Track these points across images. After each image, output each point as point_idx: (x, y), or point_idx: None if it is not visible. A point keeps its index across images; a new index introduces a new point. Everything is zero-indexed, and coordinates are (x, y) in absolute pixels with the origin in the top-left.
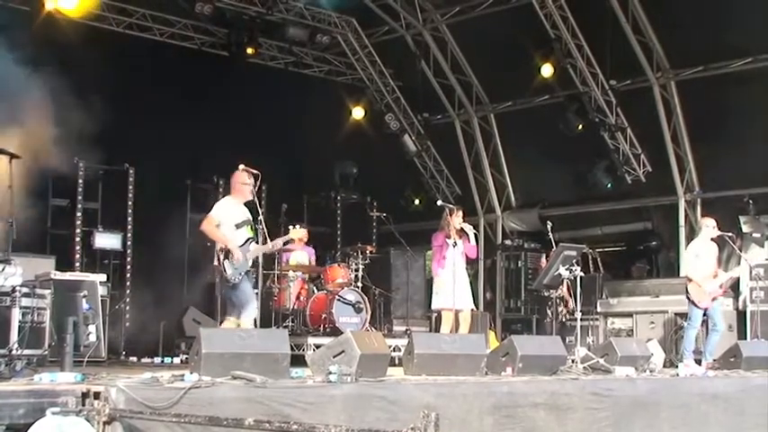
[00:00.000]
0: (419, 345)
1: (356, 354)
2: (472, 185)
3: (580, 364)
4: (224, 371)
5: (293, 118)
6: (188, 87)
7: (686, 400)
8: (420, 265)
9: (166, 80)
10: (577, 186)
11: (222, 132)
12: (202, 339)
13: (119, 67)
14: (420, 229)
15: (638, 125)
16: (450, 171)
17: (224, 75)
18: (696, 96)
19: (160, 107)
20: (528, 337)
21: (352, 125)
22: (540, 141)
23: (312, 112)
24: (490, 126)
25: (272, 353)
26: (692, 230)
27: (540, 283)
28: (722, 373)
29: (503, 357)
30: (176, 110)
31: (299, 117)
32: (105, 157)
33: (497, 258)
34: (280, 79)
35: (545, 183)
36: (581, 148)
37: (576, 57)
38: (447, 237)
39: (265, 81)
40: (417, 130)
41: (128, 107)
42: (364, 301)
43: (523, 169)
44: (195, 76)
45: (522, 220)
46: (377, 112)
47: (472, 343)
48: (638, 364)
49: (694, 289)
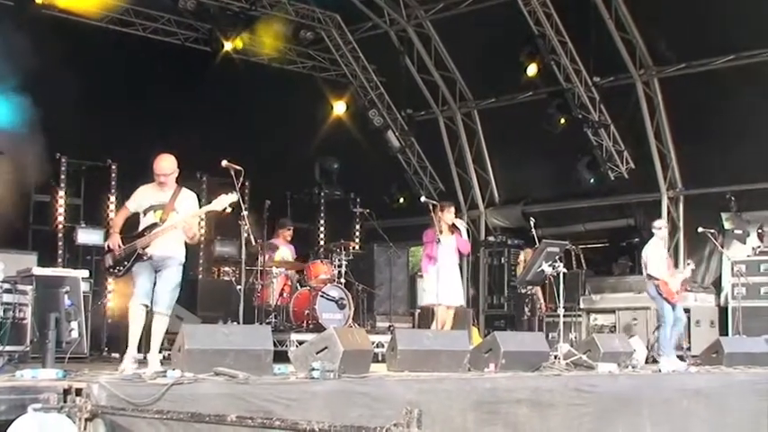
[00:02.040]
0: (402, 341)
1: (339, 350)
2: (455, 182)
3: (563, 361)
4: (207, 367)
5: (276, 114)
6: (171, 83)
7: (668, 396)
8: (403, 262)
9: (149, 76)
10: (560, 183)
11: (205, 128)
12: (185, 335)
13: (102, 63)
14: (403, 225)
15: (622, 122)
16: (433, 167)
17: (207, 70)
18: (679, 93)
19: (143, 103)
20: (511, 334)
21: (336, 121)
22: (524, 138)
23: (295, 107)
24: (474, 122)
25: (254, 349)
26: (674, 227)
27: (523, 279)
28: (704, 369)
29: (485, 354)
30: (159, 105)
31: (282, 113)
32: (88, 153)
33: (480, 255)
34: (263, 75)
35: (528, 179)
36: (564, 144)
37: (559, 53)
38: (439, 233)
39: (248, 77)
40: (401, 126)
41: (111, 102)
42: (347, 298)
43: (507, 166)
44: (178, 72)
45: (505, 217)
46: (360, 108)
47: (455, 339)
48: (620, 360)
49: (665, 287)
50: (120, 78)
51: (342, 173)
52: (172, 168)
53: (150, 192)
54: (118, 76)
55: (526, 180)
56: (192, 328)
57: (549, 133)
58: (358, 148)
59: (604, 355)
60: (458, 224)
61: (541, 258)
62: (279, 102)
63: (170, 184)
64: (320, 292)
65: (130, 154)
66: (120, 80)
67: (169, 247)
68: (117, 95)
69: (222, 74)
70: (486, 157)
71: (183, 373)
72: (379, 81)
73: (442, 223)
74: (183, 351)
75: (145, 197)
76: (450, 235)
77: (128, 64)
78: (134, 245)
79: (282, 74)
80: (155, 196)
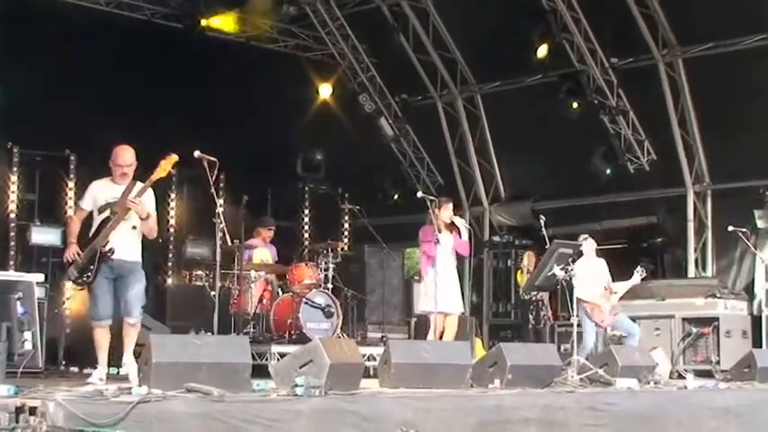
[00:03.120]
0: (396, 353)
1: (326, 363)
2: (456, 175)
3: (576, 376)
4: (177, 383)
5: (255, 98)
6: (136, 64)
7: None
8: (398, 265)
9: (113, 55)
10: (574, 176)
11: (175, 114)
12: (152, 347)
13: (60, 41)
14: (398, 223)
15: (642, 108)
16: (431, 159)
17: (177, 50)
18: (706, 76)
19: (106, 86)
20: (518, 346)
21: (322, 107)
22: (533, 126)
23: (276, 91)
24: (476, 108)
25: (231, 362)
26: (701, 226)
27: (532, 284)
28: (735, 385)
29: (490, 368)
30: (123, 90)
31: (261, 97)
32: (43, 142)
33: (484, 257)
34: (240, 55)
35: (538, 172)
36: (578, 133)
37: (572, 31)
38: (437, 231)
39: (223, 57)
40: (395, 112)
41: (70, 85)
42: (335, 305)
43: (514, 157)
44: (144, 52)
45: (511, 214)
46: (349, 92)
47: (456, 351)
48: (641, 375)
49: (596, 311)
50: (79, 59)
51: (328, 165)
52: (133, 159)
53: (107, 187)
54: (78, 56)
55: (535, 173)
56: (160, 340)
57: (561, 121)
58: (347, 138)
59: (623, 369)
60: (457, 222)
61: (552, 261)
62: (258, 85)
63: (129, 178)
64: (304, 298)
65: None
66: (79, 61)
67: (132, 250)
68: (75, 78)
69: (194, 54)
70: (490, 147)
71: (151, 389)
72: (371, 62)
73: (440, 220)
74: (150, 365)
75: (101, 193)
76: (448, 234)
77: (87, 43)
78: (93, 246)
79: (262, 54)
80: (111, 192)
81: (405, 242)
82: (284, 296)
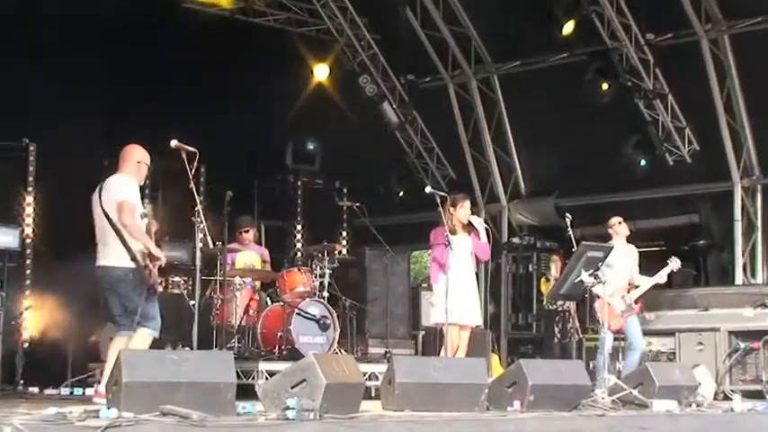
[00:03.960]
0: (402, 372)
1: (321, 383)
2: (470, 167)
3: (608, 397)
4: (151, 405)
5: (240, 80)
6: (106, 41)
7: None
8: (403, 270)
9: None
10: (604, 169)
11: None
12: (124, 365)
13: (14, 15)
14: (404, 223)
15: (683, 91)
16: (441, 149)
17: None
18: (755, 54)
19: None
20: (541, 362)
21: (317, 90)
22: (557, 111)
23: (265, 72)
24: (493, 91)
25: (212, 382)
26: (750, 226)
27: (557, 292)
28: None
29: (509, 388)
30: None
31: (247, 80)
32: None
33: (502, 261)
34: (223, 31)
35: (563, 164)
36: (609, 119)
37: (603, 3)
38: (450, 233)
39: (204, 32)
40: (400, 95)
41: (27, 66)
42: (331, 316)
43: (535, 147)
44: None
45: (533, 213)
46: (348, 73)
47: (470, 369)
48: (681, 396)
49: (603, 309)
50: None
51: (324, 156)
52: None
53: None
54: (37, 31)
55: (560, 165)
56: (131, 356)
57: (590, 105)
58: (345, 125)
59: (661, 389)
60: (474, 223)
61: (580, 266)
62: (243, 66)
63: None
64: (296, 308)
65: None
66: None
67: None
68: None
69: (172, 29)
70: (508, 135)
71: (121, 412)
72: (373, 39)
73: (455, 221)
74: (120, 385)
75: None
76: (466, 236)
77: (49, 16)
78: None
79: (248, 29)
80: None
81: (411, 244)
82: (273, 306)
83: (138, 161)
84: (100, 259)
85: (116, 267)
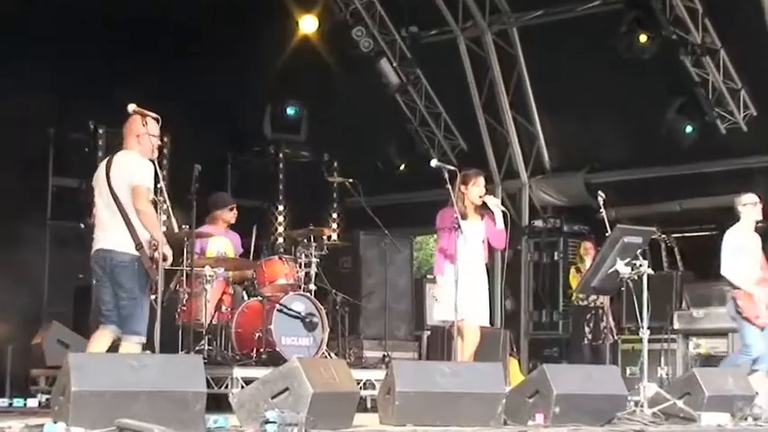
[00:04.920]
0: (403, 379)
1: (307, 393)
2: (484, 137)
3: (648, 409)
4: (105, 418)
5: (211, 34)
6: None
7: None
8: (405, 259)
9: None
10: (643, 139)
11: (102, 57)
12: (72, 370)
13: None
14: (405, 202)
15: (738, 46)
16: (450, 115)
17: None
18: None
19: (5, 24)
20: (568, 368)
21: (302, 45)
22: (588, 70)
23: (240, 26)
24: (512, 46)
25: (178, 391)
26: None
27: (588, 285)
28: None
29: (530, 398)
30: (31, 27)
31: (220, 33)
32: None
33: (522, 248)
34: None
35: (595, 133)
36: (649, 79)
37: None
38: (460, 216)
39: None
40: (401, 51)
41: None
42: (319, 313)
43: (562, 112)
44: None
45: (560, 191)
46: (339, 24)
47: (484, 376)
48: (735, 407)
49: (747, 301)
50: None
51: (311, 124)
52: None
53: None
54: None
55: (591, 134)
56: (82, 360)
57: (626, 63)
58: (336, 87)
59: (711, 399)
60: (490, 204)
61: (615, 253)
62: (215, 17)
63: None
64: (278, 304)
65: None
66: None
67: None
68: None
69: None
70: (530, 98)
71: (69, 427)
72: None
73: (466, 202)
74: (68, 394)
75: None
76: (478, 220)
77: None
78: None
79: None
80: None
81: (414, 228)
82: (250, 301)
83: (138, 134)
84: (100, 242)
85: (121, 253)
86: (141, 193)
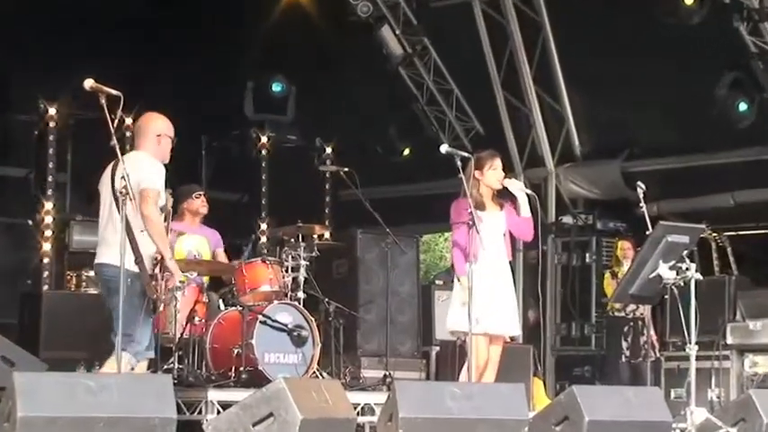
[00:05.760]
0: (407, 403)
1: (295, 419)
2: (503, 118)
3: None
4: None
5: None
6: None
7: None
8: (410, 261)
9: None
10: (689, 120)
11: (54, 28)
12: (19, 393)
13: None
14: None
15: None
16: (463, 92)
17: None
18: None
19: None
20: (603, 390)
21: (289, 10)
22: (625, 39)
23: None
24: (536, 12)
25: (143, 417)
26: None
27: (625, 292)
28: None
29: (557, 426)
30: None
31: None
32: None
33: (548, 248)
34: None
35: (633, 114)
36: (696, 50)
37: None
38: (476, 207)
39: None
40: (405, 17)
41: None
42: (309, 326)
43: (595, 89)
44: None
45: (592, 181)
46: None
47: (503, 399)
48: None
49: None
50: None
51: (299, 103)
52: None
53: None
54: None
55: (629, 116)
56: (29, 381)
57: (670, 30)
58: (328, 59)
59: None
60: (512, 188)
61: (657, 255)
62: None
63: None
64: (260, 315)
65: None
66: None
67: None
68: None
69: None
70: (557, 72)
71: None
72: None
73: (482, 189)
74: (14, 420)
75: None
76: (497, 210)
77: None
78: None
79: None
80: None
81: (421, 225)
82: (229, 312)
83: (159, 134)
84: (98, 256)
85: (115, 267)
86: (150, 196)
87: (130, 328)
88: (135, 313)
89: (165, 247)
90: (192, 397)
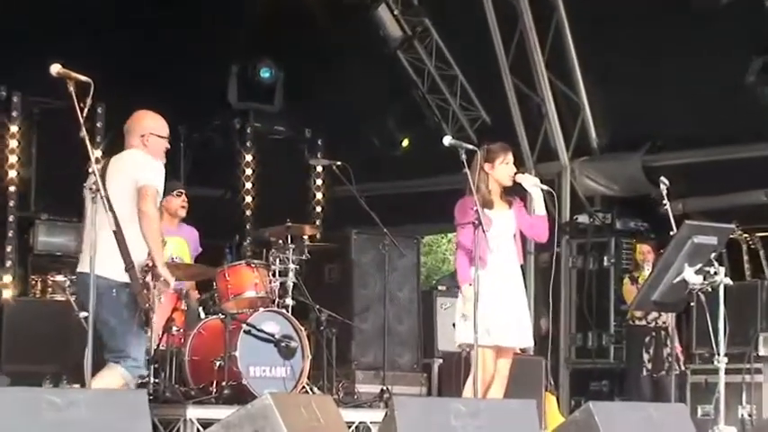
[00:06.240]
0: (407, 420)
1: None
2: (512, 107)
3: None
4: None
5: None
6: None
7: None
8: (409, 265)
9: None
10: (716, 110)
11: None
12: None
13: None
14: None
15: None
16: (468, 78)
17: None
18: None
19: None
20: (623, 406)
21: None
22: (646, 23)
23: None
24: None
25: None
26: None
27: (647, 299)
28: None
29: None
30: None
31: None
32: None
33: (562, 251)
34: None
35: (655, 102)
36: (725, 35)
37: None
38: (483, 205)
39: None
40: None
41: None
42: (298, 336)
43: (613, 77)
44: None
45: (611, 177)
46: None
47: (512, 416)
48: None
49: None
50: None
51: (288, 90)
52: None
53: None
54: None
55: (651, 104)
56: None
57: (695, 12)
58: (320, 42)
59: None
60: (526, 184)
61: (683, 258)
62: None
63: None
64: (245, 324)
65: None
66: None
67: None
68: None
69: None
70: (572, 57)
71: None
72: None
73: (490, 185)
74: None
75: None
76: (506, 209)
77: None
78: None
79: None
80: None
81: (421, 225)
82: (209, 320)
83: (143, 134)
84: (81, 265)
85: (99, 277)
86: (149, 194)
87: (123, 343)
88: (126, 327)
89: (158, 250)
90: (169, 414)
